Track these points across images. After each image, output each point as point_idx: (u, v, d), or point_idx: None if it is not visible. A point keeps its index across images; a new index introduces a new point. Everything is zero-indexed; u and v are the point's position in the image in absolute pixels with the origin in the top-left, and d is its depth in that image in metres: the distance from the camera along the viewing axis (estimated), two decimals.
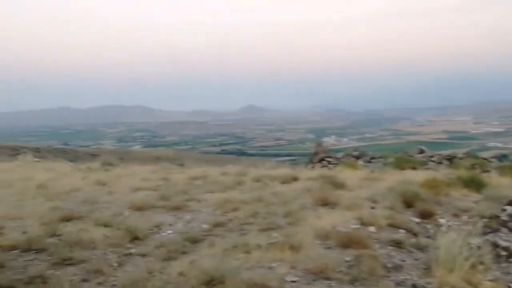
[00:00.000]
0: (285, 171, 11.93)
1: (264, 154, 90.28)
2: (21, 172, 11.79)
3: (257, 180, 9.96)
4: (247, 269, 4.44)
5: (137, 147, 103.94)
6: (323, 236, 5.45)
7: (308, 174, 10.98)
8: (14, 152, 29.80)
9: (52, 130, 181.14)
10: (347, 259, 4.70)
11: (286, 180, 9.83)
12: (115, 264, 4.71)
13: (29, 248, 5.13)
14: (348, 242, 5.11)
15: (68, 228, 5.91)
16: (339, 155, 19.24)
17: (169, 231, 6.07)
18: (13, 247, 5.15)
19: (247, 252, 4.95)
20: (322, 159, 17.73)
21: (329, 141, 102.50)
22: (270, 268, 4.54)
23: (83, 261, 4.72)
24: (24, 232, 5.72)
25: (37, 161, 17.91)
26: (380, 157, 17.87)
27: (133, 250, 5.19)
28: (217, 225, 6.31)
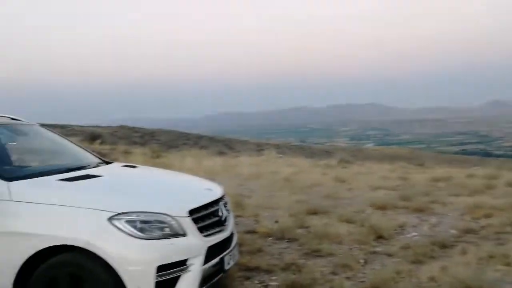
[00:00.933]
0: None
1: None
2: (267, 166, 12.94)
3: None
4: (509, 284, 3.95)
5: (369, 145, 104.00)
6: None
7: None
8: (259, 148, 33.12)
9: (290, 128, 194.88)
10: None
11: None
12: (362, 261, 4.74)
13: (282, 236, 5.56)
14: None
15: (314, 221, 6.20)
16: None
17: (414, 233, 5.83)
18: (267, 235, 5.66)
19: (508, 264, 4.41)
20: None
21: None
22: None
23: (331, 254, 4.89)
24: (276, 221, 6.24)
25: (279, 156, 19.40)
26: None
27: (378, 249, 5.15)
28: (468, 231, 5.79)
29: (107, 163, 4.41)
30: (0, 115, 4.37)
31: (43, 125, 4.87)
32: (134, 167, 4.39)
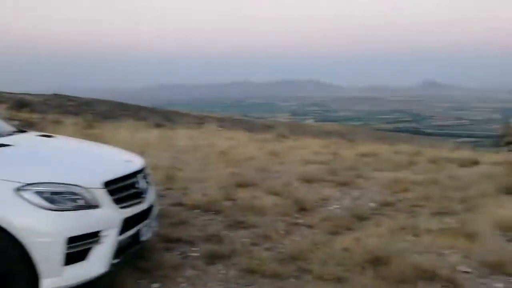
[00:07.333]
0: (465, 153, 10.96)
1: (442, 134, 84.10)
2: (205, 139, 12.89)
3: (433, 161, 9.34)
4: (415, 253, 4.23)
5: (309, 121, 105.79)
6: (506, 228, 4.91)
7: (492, 158, 9.93)
8: (199, 121, 32.72)
9: (231, 103, 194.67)
10: None
11: (465, 163, 9.03)
12: (283, 232, 4.89)
13: (208, 209, 5.62)
14: None
15: (243, 194, 6.32)
16: None
17: (336, 206, 6.07)
18: (194, 207, 5.70)
19: (416, 235, 4.72)
20: (510, 143, 15.85)
21: None
22: (440, 255, 4.27)
23: (253, 226, 5.01)
24: (204, 194, 6.28)
25: (219, 130, 19.30)
26: None
27: (300, 220, 5.33)
28: (385, 204, 6.11)
29: (22, 132, 4.25)
30: None
31: None
32: (50, 136, 4.26)
